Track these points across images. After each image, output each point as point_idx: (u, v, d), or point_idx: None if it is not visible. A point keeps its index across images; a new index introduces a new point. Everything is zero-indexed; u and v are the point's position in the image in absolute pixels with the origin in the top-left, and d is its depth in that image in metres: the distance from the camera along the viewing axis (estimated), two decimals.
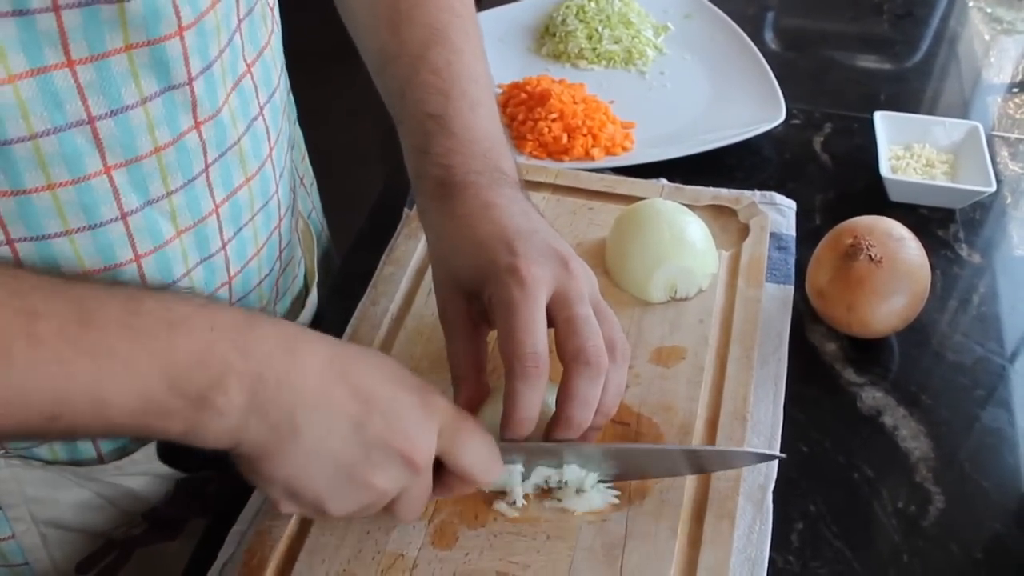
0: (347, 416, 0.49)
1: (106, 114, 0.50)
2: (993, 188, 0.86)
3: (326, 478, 0.49)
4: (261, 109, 0.62)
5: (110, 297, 0.46)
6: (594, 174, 0.88)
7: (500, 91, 1.04)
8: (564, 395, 0.56)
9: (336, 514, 0.51)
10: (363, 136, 0.75)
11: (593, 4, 1.14)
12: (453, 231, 0.60)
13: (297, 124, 0.83)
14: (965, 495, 0.65)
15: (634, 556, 0.58)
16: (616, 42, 1.10)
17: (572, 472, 0.59)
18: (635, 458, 0.61)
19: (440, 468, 0.54)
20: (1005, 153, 0.97)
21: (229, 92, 0.57)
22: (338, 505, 0.51)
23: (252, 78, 0.60)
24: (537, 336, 0.55)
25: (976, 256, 0.84)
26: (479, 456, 0.54)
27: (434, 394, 0.53)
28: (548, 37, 1.13)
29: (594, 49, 1.10)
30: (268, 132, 0.63)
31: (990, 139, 0.96)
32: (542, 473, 0.60)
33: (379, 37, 0.69)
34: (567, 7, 1.14)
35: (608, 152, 0.95)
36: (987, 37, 1.17)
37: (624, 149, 0.95)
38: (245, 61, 0.59)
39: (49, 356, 0.43)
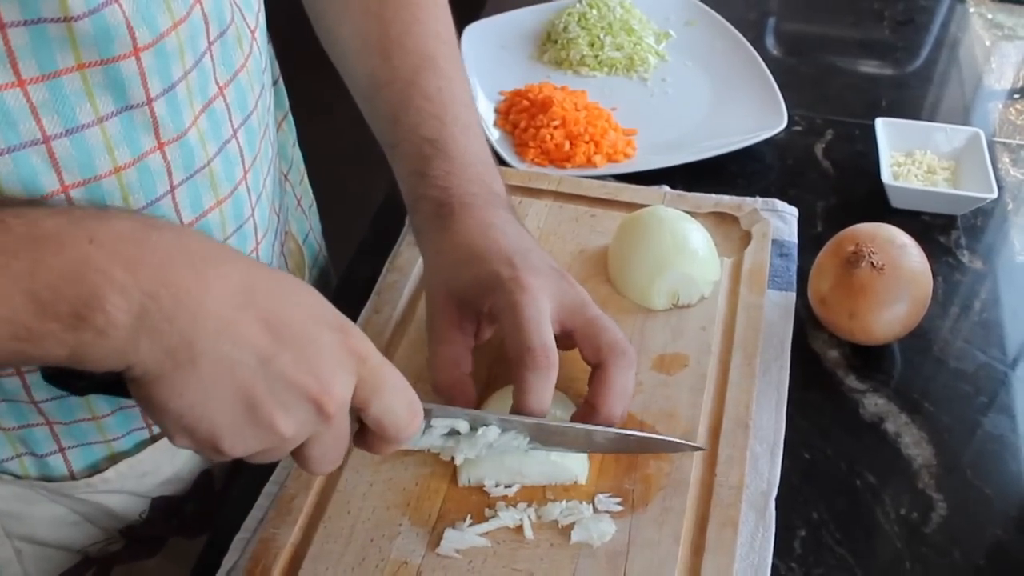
0: (254, 348, 0.45)
1: (61, 133, 0.48)
2: (995, 194, 0.86)
3: (225, 413, 0.45)
4: (235, 132, 0.60)
5: None
6: (596, 181, 0.88)
7: (502, 98, 1.04)
8: (601, 388, 0.59)
9: (232, 454, 0.47)
10: (366, 143, 0.75)
11: (595, 11, 1.14)
12: (453, 247, 0.63)
13: (297, 146, 0.83)
14: (968, 502, 0.65)
15: (637, 563, 0.58)
16: (618, 49, 1.11)
17: (491, 433, 0.58)
18: (556, 433, 0.60)
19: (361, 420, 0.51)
20: (1006, 159, 0.97)
21: (198, 114, 0.56)
22: (235, 444, 0.46)
23: (225, 101, 0.59)
24: (543, 331, 0.58)
25: (978, 262, 0.84)
26: (395, 409, 0.50)
27: (359, 337, 0.49)
28: (550, 44, 1.14)
29: (596, 56, 1.10)
30: (242, 155, 0.62)
31: (991, 145, 0.96)
32: (449, 424, 0.58)
33: (369, 63, 0.71)
34: (569, 14, 1.14)
35: (610, 159, 0.95)
36: (988, 43, 1.17)
37: (626, 156, 0.95)
38: (217, 83, 0.58)
39: None
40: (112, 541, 0.68)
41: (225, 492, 0.74)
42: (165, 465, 0.67)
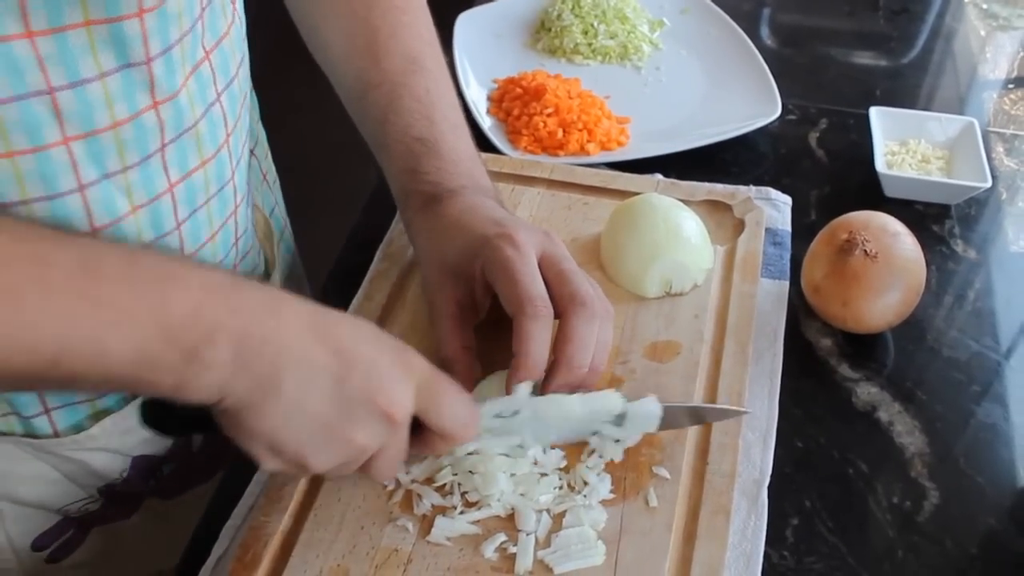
0: (328, 373, 0.51)
1: (65, 86, 0.51)
2: (988, 184, 0.86)
3: (307, 433, 0.51)
4: (219, 95, 0.63)
5: (110, 250, 0.48)
6: (589, 169, 0.87)
7: (495, 86, 1.04)
8: (562, 338, 0.60)
9: (317, 469, 0.53)
10: (358, 132, 0.75)
11: None
12: (442, 227, 0.66)
13: (260, 122, 0.84)
14: (960, 490, 0.65)
15: (629, 551, 0.58)
16: (612, 37, 1.10)
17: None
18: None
19: (417, 426, 0.55)
20: (1000, 149, 0.97)
21: (188, 76, 0.58)
22: (319, 460, 0.53)
23: (210, 65, 0.61)
24: (537, 283, 0.60)
25: (971, 252, 0.84)
26: (456, 413, 0.56)
27: (412, 354, 0.55)
28: (544, 32, 1.13)
29: (589, 44, 1.10)
30: (225, 119, 0.64)
31: (986, 135, 0.96)
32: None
33: (357, 65, 0.73)
34: (563, 2, 1.14)
35: (603, 147, 0.94)
36: (983, 33, 1.17)
37: (619, 144, 0.95)
38: (204, 48, 0.60)
39: (57, 302, 0.44)
40: (91, 500, 0.69)
41: (202, 455, 0.75)
42: None
